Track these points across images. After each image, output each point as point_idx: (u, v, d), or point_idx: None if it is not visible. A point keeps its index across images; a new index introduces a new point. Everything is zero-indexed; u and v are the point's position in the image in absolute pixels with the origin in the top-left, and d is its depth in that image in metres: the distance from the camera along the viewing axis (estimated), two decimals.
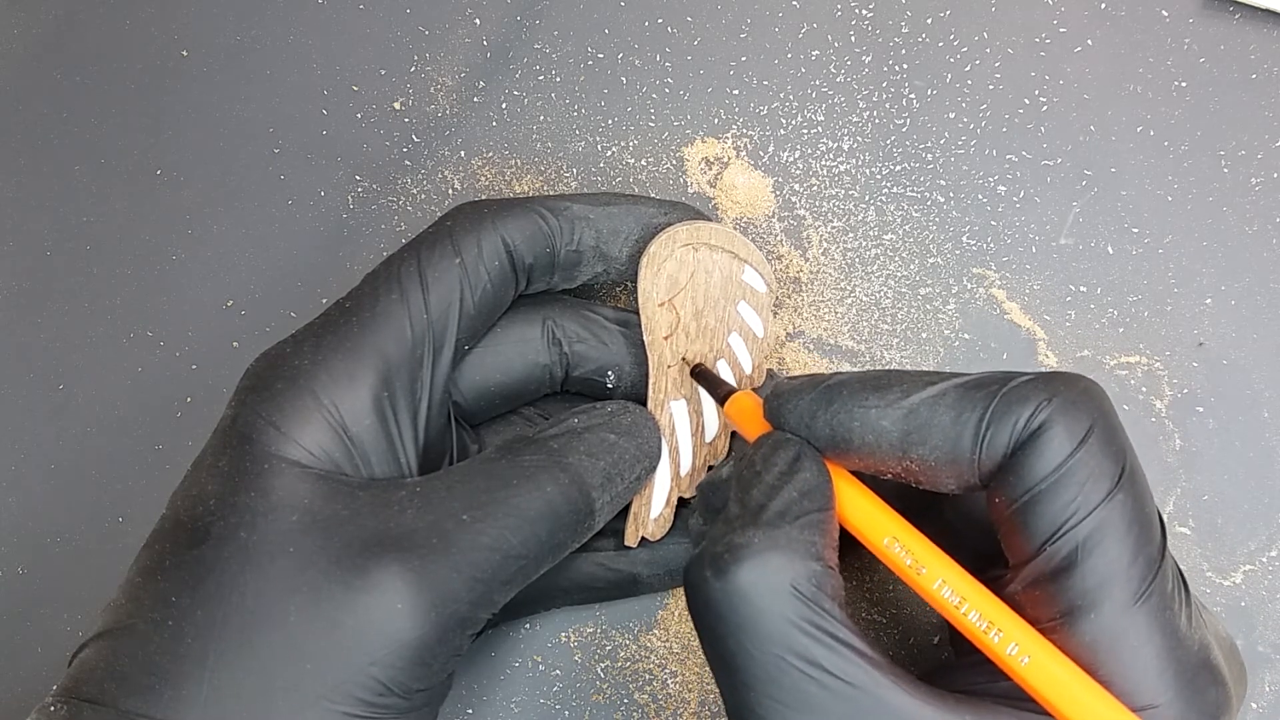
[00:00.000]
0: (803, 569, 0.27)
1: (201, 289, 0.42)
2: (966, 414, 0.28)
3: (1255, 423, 0.39)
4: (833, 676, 0.26)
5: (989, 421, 0.27)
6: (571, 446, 0.32)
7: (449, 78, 0.43)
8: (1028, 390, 0.27)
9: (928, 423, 0.28)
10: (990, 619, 0.27)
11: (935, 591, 0.28)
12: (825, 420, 0.29)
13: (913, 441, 0.28)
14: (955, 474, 0.28)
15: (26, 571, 0.40)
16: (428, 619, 0.28)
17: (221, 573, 0.28)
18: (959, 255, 0.40)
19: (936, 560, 0.28)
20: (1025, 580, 0.28)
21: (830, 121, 0.41)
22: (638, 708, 0.38)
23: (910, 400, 0.28)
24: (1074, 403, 0.27)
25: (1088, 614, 0.26)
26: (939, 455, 0.28)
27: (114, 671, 0.27)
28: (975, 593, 0.28)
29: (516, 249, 0.34)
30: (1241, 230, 0.40)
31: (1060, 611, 0.27)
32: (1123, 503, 0.27)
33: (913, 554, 0.28)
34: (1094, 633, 0.26)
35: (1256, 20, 0.41)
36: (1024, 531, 0.27)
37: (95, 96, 0.43)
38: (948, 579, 0.28)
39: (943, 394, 0.28)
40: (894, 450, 0.28)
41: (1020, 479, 0.27)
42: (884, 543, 0.29)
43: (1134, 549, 0.26)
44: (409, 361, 0.31)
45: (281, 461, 0.29)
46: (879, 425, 0.28)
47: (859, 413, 0.29)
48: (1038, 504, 0.27)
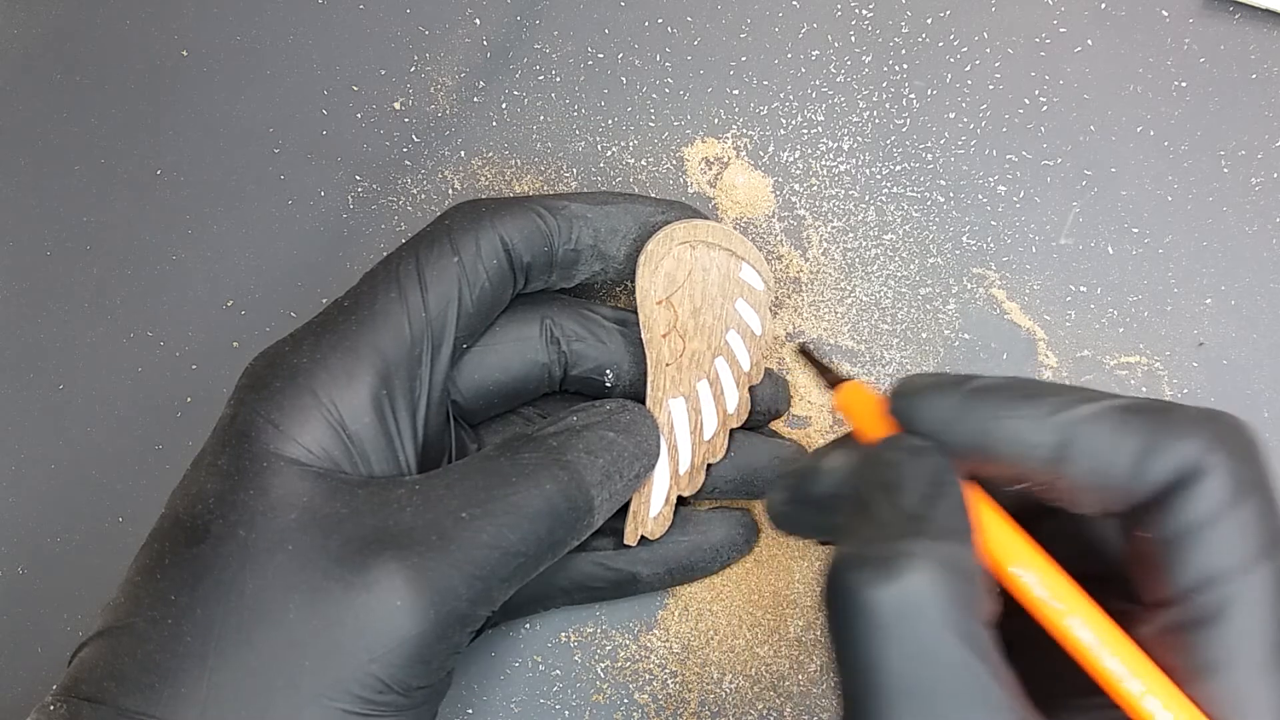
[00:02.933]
0: (969, 590, 0.25)
1: (201, 289, 0.42)
2: (1127, 439, 0.26)
3: (1255, 423, 0.38)
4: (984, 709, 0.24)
5: (1150, 452, 0.26)
6: (570, 444, 0.32)
7: (449, 78, 0.43)
8: (1194, 427, 0.26)
9: (1084, 442, 0.26)
10: (1130, 668, 0.26)
11: (1069, 630, 0.26)
12: (968, 426, 0.27)
13: (1064, 459, 0.26)
14: (1102, 498, 0.27)
15: (26, 571, 0.40)
16: (427, 616, 0.28)
17: (221, 571, 0.28)
18: (959, 255, 0.40)
19: (1073, 596, 0.27)
20: (1159, 625, 0.26)
21: (830, 121, 0.41)
22: (638, 708, 0.38)
23: (1063, 416, 0.26)
24: (1242, 451, 0.26)
25: (1223, 672, 0.25)
26: (1090, 478, 0.26)
27: (113, 670, 0.27)
28: (1114, 638, 0.26)
29: (514, 248, 0.34)
30: (1241, 230, 0.40)
31: (1194, 665, 0.25)
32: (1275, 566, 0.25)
33: (1048, 587, 0.27)
34: (1227, 692, 0.25)
35: (1256, 20, 0.41)
36: (1167, 574, 0.26)
37: (95, 96, 0.43)
38: (1086, 618, 0.26)
39: (1101, 414, 0.26)
40: (1042, 466, 0.27)
41: (1173, 519, 0.25)
42: (1012, 569, 0.27)
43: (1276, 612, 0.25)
44: (408, 360, 0.31)
45: (280, 460, 0.29)
46: (1030, 438, 0.26)
47: (1009, 423, 0.27)
48: (1187, 549, 0.25)
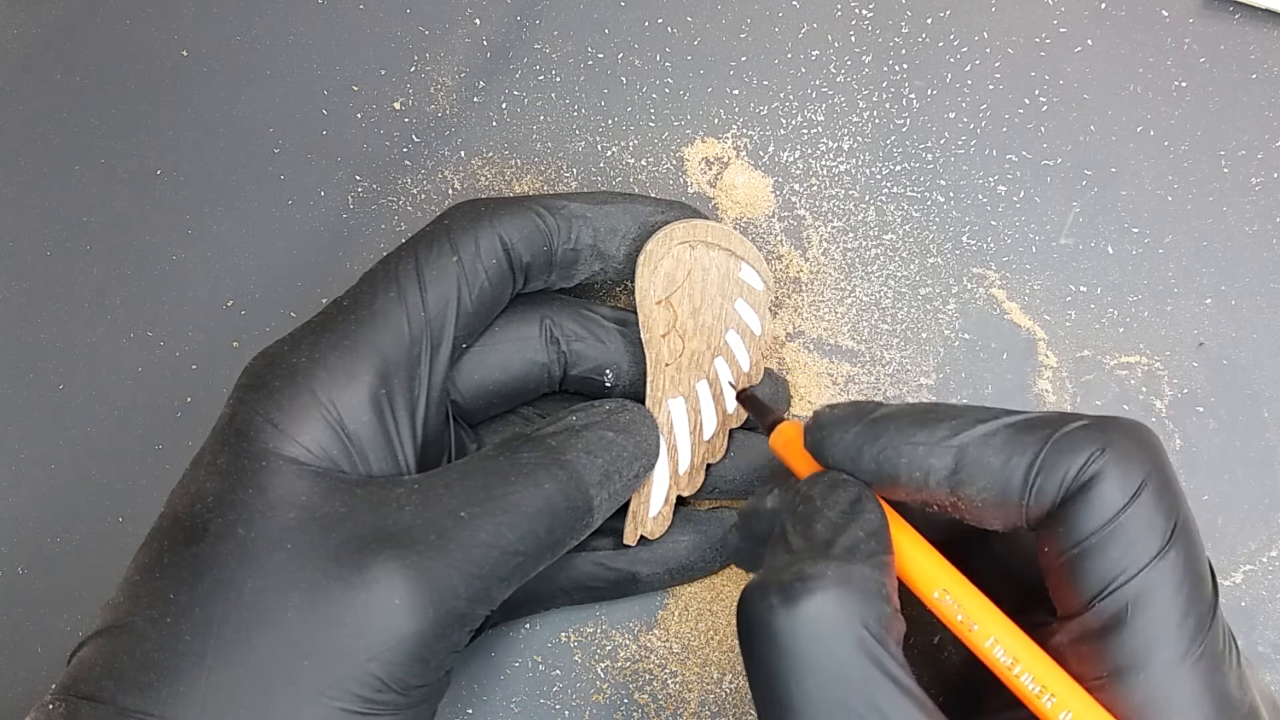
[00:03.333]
0: (873, 609, 0.26)
1: (201, 289, 0.42)
2: (1017, 458, 0.27)
3: (1255, 423, 0.39)
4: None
5: (1040, 468, 0.26)
6: (570, 444, 0.32)
7: (449, 78, 0.43)
8: (1081, 437, 0.26)
9: (976, 464, 0.27)
10: (1044, 683, 0.26)
11: (987, 650, 0.27)
12: (872, 455, 0.28)
13: (961, 481, 0.27)
14: (1002, 516, 0.28)
15: (26, 571, 0.40)
16: (426, 615, 0.28)
17: (220, 570, 0.28)
18: (959, 255, 0.40)
19: (990, 618, 0.27)
20: (1072, 635, 0.27)
21: (830, 121, 0.41)
22: (638, 708, 0.38)
23: (959, 439, 0.27)
24: (1128, 454, 0.26)
25: (1136, 674, 0.26)
26: (987, 497, 0.27)
27: (112, 669, 0.27)
28: (1029, 654, 0.27)
29: (514, 248, 0.34)
30: (1241, 230, 0.40)
31: (1108, 670, 0.26)
32: (1174, 560, 0.26)
33: (965, 610, 0.27)
34: (1142, 693, 0.26)
35: (1256, 20, 0.41)
36: (1073, 585, 0.27)
37: (95, 96, 0.43)
38: (1000, 638, 0.27)
39: (993, 434, 0.27)
40: (941, 488, 0.28)
41: (1070, 531, 0.26)
42: (935, 595, 0.28)
43: (1184, 608, 0.26)
44: (407, 360, 0.31)
45: (279, 459, 0.29)
46: (927, 463, 0.28)
47: (907, 449, 0.28)
48: (1087, 558, 0.26)
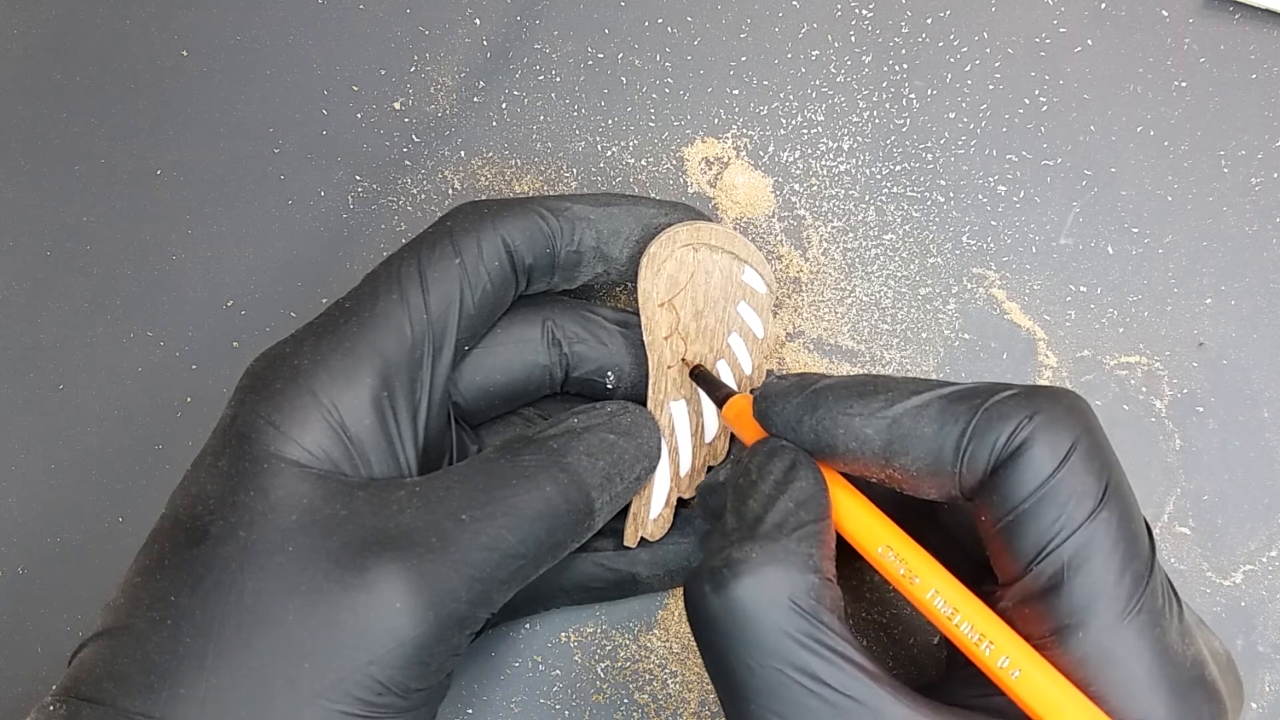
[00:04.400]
0: (801, 582, 0.27)
1: (201, 289, 0.42)
2: (949, 427, 0.27)
3: (1255, 423, 0.39)
4: (832, 690, 0.26)
5: (970, 436, 0.27)
6: (571, 446, 0.32)
7: (449, 78, 0.43)
8: (1010, 406, 0.27)
9: (910, 433, 0.28)
10: (982, 631, 0.27)
11: (928, 601, 0.28)
12: (810, 425, 0.29)
13: (895, 451, 0.28)
14: (937, 485, 0.28)
15: (26, 571, 0.40)
16: (426, 618, 0.28)
17: (220, 572, 0.28)
18: (959, 255, 0.40)
19: (930, 570, 0.28)
20: (1014, 598, 0.28)
21: (830, 121, 0.41)
22: (638, 708, 0.38)
23: (894, 410, 0.28)
24: (1056, 420, 0.27)
25: (1076, 632, 0.26)
26: (920, 466, 0.28)
27: (112, 670, 0.27)
28: (968, 604, 0.28)
29: (516, 249, 0.33)
30: (1241, 230, 0.40)
31: (1050, 629, 0.27)
32: (1107, 520, 0.26)
33: (906, 563, 0.28)
34: (1084, 650, 0.26)
35: (1256, 20, 0.41)
36: (1010, 551, 0.27)
37: (95, 96, 0.43)
38: (940, 589, 0.28)
39: (926, 405, 0.28)
40: (876, 458, 0.29)
41: (1003, 498, 0.27)
42: (878, 551, 0.29)
43: (1120, 565, 0.26)
44: (408, 361, 0.31)
45: (280, 461, 0.29)
46: (862, 433, 0.28)
47: (843, 419, 0.29)
48: (1021, 524, 0.27)
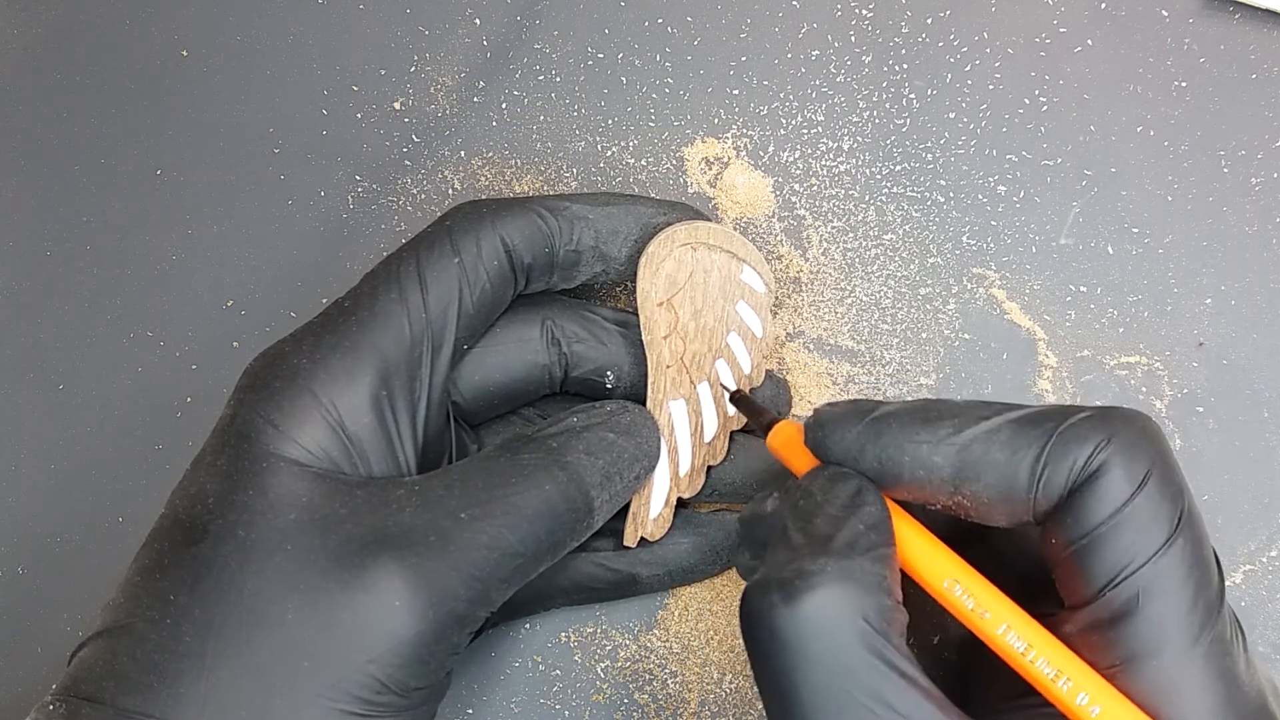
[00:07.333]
0: (874, 602, 0.26)
1: (201, 289, 0.42)
2: (1022, 452, 0.27)
3: (1255, 423, 0.39)
4: (898, 715, 0.25)
5: (1046, 461, 0.27)
6: (570, 445, 0.32)
7: (449, 78, 0.43)
8: (1086, 429, 0.26)
9: (981, 460, 0.27)
10: (1059, 667, 0.26)
11: (999, 637, 0.27)
12: (874, 454, 0.28)
13: (965, 478, 0.27)
14: (1009, 511, 0.28)
15: (26, 571, 0.40)
16: (425, 617, 0.28)
17: (220, 571, 0.28)
18: (959, 255, 0.40)
19: (1000, 605, 0.27)
20: (1082, 624, 0.27)
21: (830, 121, 0.41)
22: (638, 708, 0.38)
23: (963, 436, 0.27)
24: (1133, 444, 0.26)
25: (1148, 660, 0.26)
26: (993, 493, 0.27)
27: (112, 670, 0.27)
28: (1041, 639, 0.27)
29: (515, 249, 0.33)
30: (1241, 230, 0.40)
31: (1120, 658, 0.26)
32: (1182, 547, 0.26)
33: (975, 598, 0.27)
34: (1154, 680, 0.26)
35: (1256, 20, 0.41)
36: (1081, 575, 0.27)
37: (95, 96, 0.43)
38: (1013, 625, 0.27)
39: (997, 430, 0.27)
40: (945, 486, 0.28)
41: (1077, 522, 0.26)
42: (944, 585, 0.28)
43: (1194, 595, 0.26)
44: (408, 361, 0.31)
45: (280, 460, 0.29)
46: (930, 461, 0.28)
47: (909, 448, 0.28)
48: (1095, 549, 0.26)
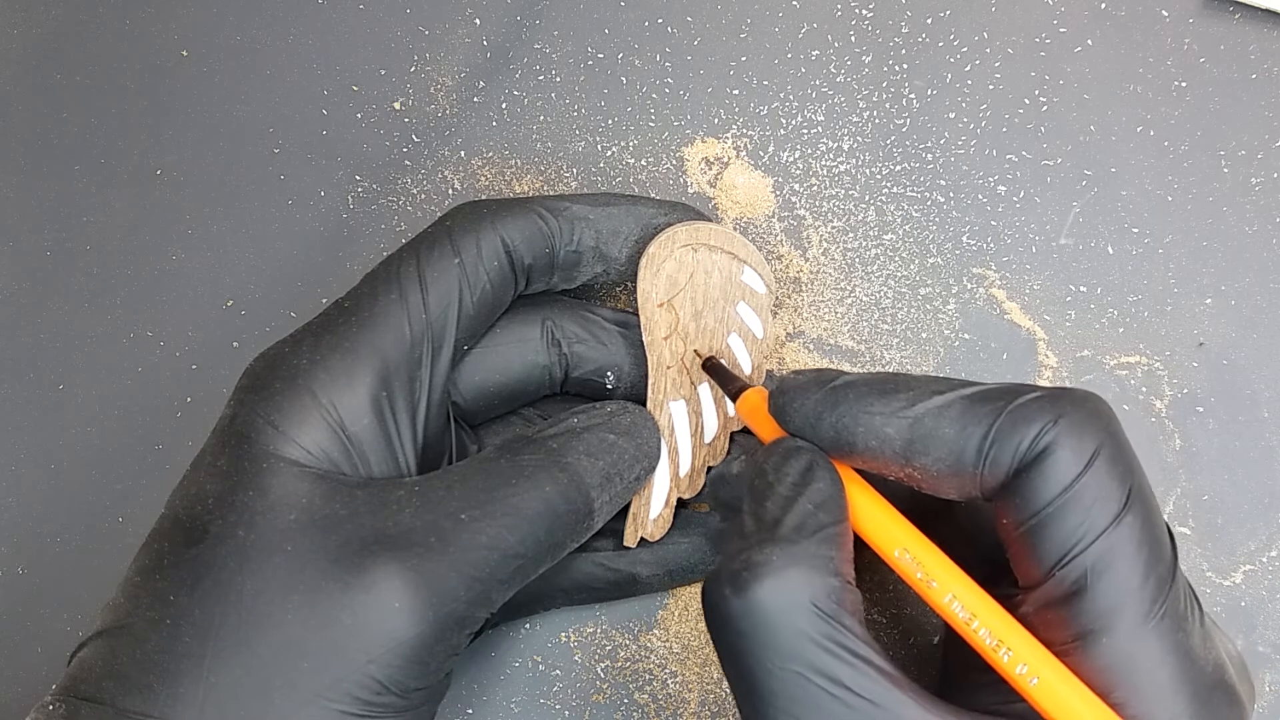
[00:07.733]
0: (822, 585, 0.27)
1: (201, 289, 0.42)
2: (971, 428, 0.27)
3: (1255, 423, 0.39)
4: (853, 693, 0.26)
5: (993, 438, 0.27)
6: (571, 446, 0.32)
7: (449, 78, 0.43)
8: (1034, 408, 0.27)
9: (931, 434, 0.28)
10: (1000, 637, 0.27)
11: (946, 605, 0.28)
12: (830, 423, 0.29)
13: (916, 451, 0.28)
14: (958, 485, 0.28)
15: (26, 571, 0.40)
16: (425, 618, 0.28)
17: (219, 571, 0.28)
18: (959, 255, 0.40)
19: (949, 574, 0.28)
20: (1037, 603, 0.27)
21: (830, 121, 0.41)
22: (638, 708, 0.38)
23: (915, 409, 0.28)
24: (1080, 424, 0.27)
25: (1100, 637, 0.26)
26: (942, 467, 0.28)
27: (112, 670, 0.27)
28: (986, 609, 0.27)
29: (516, 249, 0.33)
30: (1241, 230, 0.40)
31: (1073, 635, 0.27)
32: (1131, 524, 0.26)
33: (924, 567, 0.28)
34: (1108, 656, 0.26)
35: (1256, 20, 0.41)
36: (1032, 555, 0.27)
37: (95, 96, 0.43)
38: (959, 594, 0.27)
39: (948, 405, 0.28)
40: (896, 458, 0.28)
41: (1026, 502, 0.27)
42: (895, 553, 0.29)
43: (1144, 570, 0.26)
44: (408, 361, 0.31)
45: (280, 460, 0.29)
46: (883, 432, 0.28)
47: (864, 418, 0.28)
48: (1044, 528, 0.27)
